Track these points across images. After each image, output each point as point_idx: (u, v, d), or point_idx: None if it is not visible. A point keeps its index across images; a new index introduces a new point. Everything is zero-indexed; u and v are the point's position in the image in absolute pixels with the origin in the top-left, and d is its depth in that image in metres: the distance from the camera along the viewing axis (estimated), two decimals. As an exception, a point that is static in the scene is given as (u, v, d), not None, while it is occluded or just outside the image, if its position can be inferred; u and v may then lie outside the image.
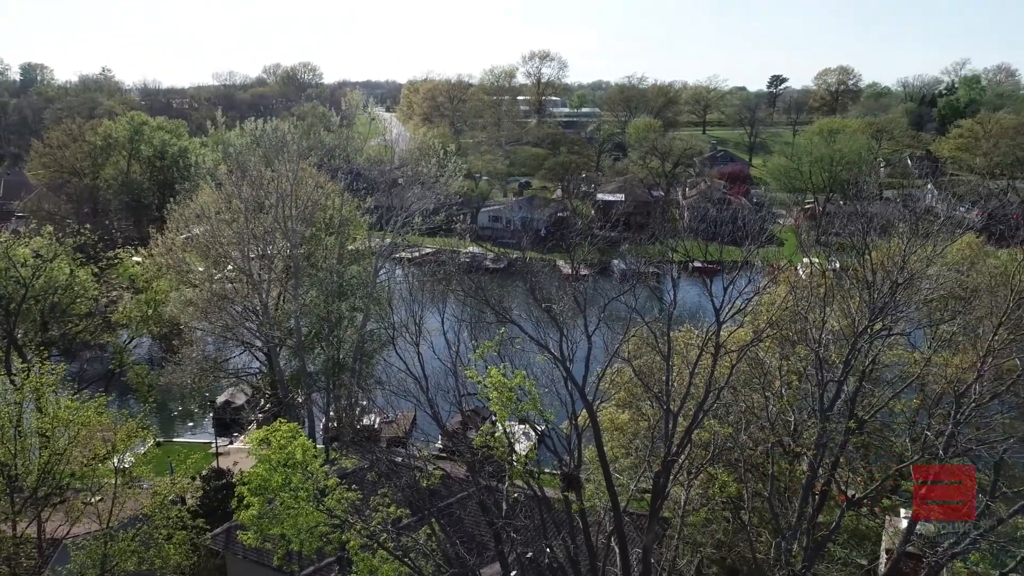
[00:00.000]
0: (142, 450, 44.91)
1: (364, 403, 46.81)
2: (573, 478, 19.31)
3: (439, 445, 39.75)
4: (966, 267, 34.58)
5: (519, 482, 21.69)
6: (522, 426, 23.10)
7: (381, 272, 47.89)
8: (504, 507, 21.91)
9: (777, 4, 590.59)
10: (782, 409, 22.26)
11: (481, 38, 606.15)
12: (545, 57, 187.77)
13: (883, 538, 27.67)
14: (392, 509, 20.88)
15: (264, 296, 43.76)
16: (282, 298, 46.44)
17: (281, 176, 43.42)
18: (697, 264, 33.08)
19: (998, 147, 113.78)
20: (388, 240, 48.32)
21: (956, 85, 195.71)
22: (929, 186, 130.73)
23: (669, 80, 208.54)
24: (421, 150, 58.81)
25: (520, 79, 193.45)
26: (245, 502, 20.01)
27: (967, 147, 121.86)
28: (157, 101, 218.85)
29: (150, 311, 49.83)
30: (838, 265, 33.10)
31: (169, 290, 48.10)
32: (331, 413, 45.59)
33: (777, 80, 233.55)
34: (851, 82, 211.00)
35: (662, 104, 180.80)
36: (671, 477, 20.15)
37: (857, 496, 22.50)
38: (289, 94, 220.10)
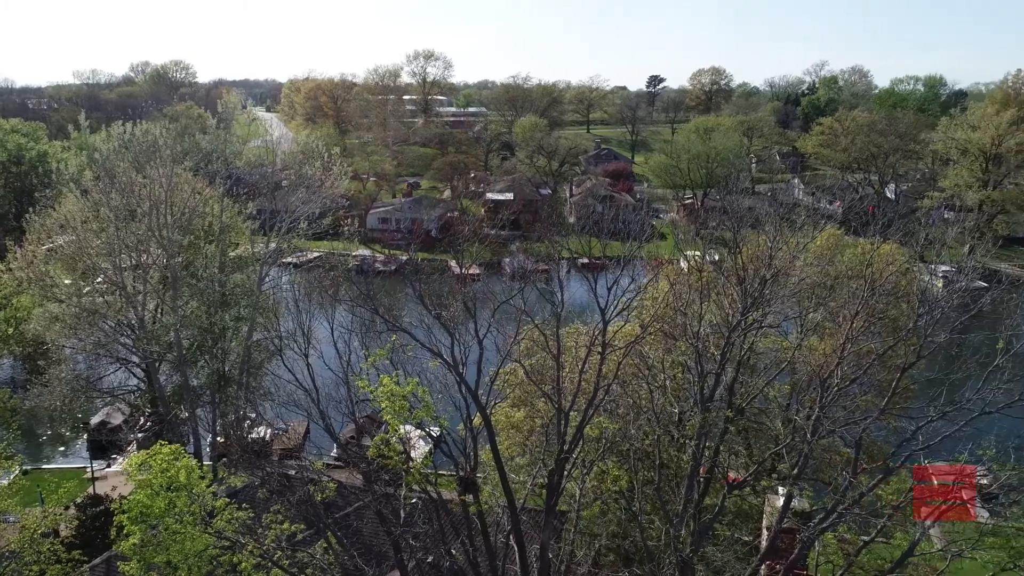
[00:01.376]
0: (6, 481, 41.59)
1: (253, 416, 45.25)
2: (469, 481, 19.46)
3: (334, 453, 38.95)
4: (828, 258, 37.06)
5: (416, 487, 21.64)
6: (418, 431, 23.06)
7: (266, 279, 46.39)
8: (402, 514, 21.80)
9: (653, 5, 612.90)
10: (667, 401, 23.24)
11: (364, 36, 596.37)
12: (430, 56, 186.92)
13: (764, 516, 29.38)
14: (286, 526, 20.35)
15: (140, 309, 41.56)
16: (160, 310, 44.20)
17: (154, 182, 41.37)
18: (585, 261, 34.00)
19: (855, 143, 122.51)
20: (272, 245, 46.87)
21: (817, 85, 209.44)
22: (796, 180, 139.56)
23: (553, 80, 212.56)
24: (305, 152, 57.41)
25: (405, 78, 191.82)
26: (125, 531, 18.97)
27: (828, 143, 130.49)
28: (10, 101, 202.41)
29: (10, 329, 46.27)
30: (717, 257, 34.83)
31: (32, 306, 44.83)
32: (218, 429, 43.79)
33: (655, 80, 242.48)
34: (723, 82, 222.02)
35: (547, 104, 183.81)
36: (565, 474, 20.65)
37: (738, 479, 23.82)
38: (160, 94, 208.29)
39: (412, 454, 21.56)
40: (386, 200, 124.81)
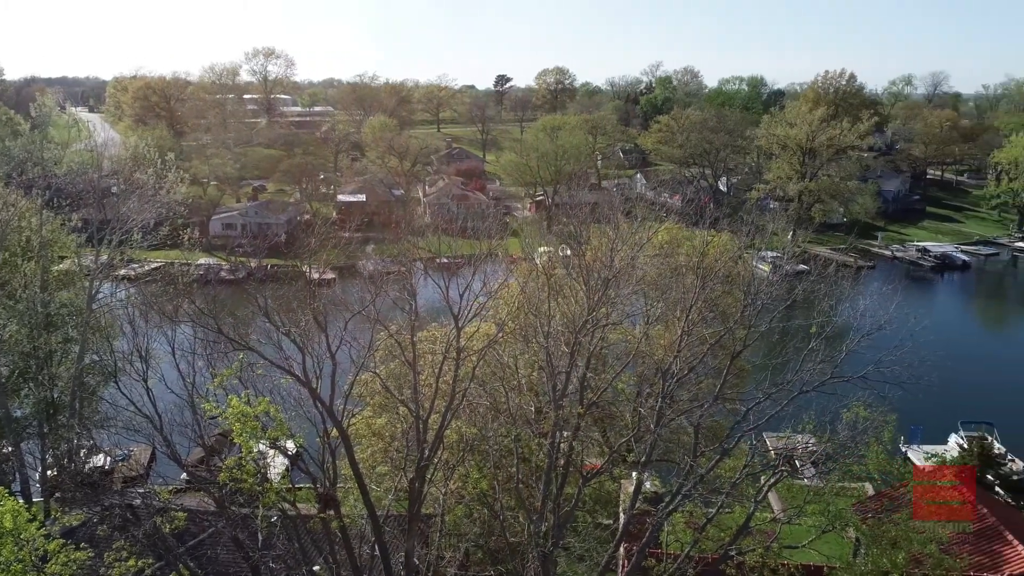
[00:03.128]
0: None
1: (89, 445, 41.80)
2: (329, 497, 19.12)
3: (184, 478, 36.85)
4: (668, 251, 39.34)
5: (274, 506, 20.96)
6: (274, 449, 22.34)
7: (99, 296, 42.94)
8: (260, 537, 21.08)
9: (498, 4, 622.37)
10: (523, 399, 23.88)
11: (196, 32, 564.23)
12: (271, 54, 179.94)
13: (620, 500, 30.89)
14: (132, 562, 19.09)
15: (-53, 337, 37.28)
16: (-29, 337, 39.82)
17: (-44, 196, 37.27)
18: (442, 260, 34.14)
19: (689, 140, 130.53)
20: (104, 259, 43.41)
21: (653, 85, 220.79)
22: (638, 176, 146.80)
23: (401, 79, 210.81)
24: (135, 158, 53.52)
25: (245, 77, 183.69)
26: (-60, 588, 17.10)
27: (666, 140, 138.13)
28: None
29: None
30: (569, 251, 36.08)
31: None
32: (49, 461, 40.12)
33: (502, 79, 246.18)
34: (567, 81, 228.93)
35: (396, 103, 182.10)
36: (426, 480, 20.76)
37: (595, 467, 24.91)
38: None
39: (270, 472, 20.87)
40: (230, 205, 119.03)
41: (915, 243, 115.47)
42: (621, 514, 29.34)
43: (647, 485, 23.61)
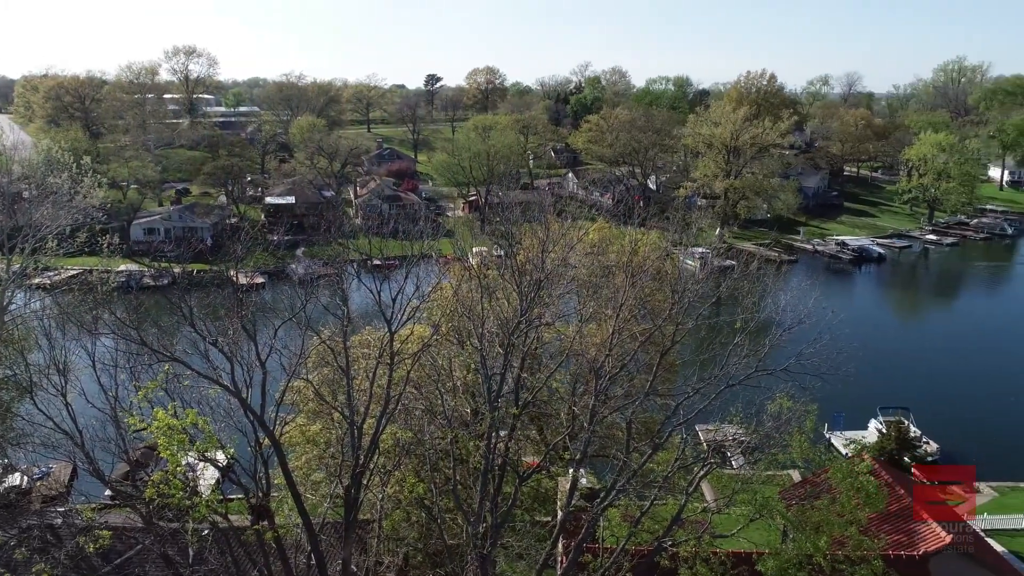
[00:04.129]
0: None
1: (3, 462, 39.78)
2: (262, 508, 18.74)
3: (108, 494, 35.46)
4: (600, 249, 39.94)
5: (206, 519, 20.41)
6: (204, 462, 21.75)
7: (11, 306, 41.01)
8: (190, 552, 20.49)
9: (428, 3, 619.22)
10: (459, 402, 23.90)
11: (111, 30, 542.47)
12: (192, 53, 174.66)
13: (557, 497, 31.20)
14: (53, 585, 18.31)
15: None
16: None
17: None
18: (376, 262, 33.80)
19: (619, 139, 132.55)
20: (16, 267, 41.50)
21: (583, 84, 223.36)
22: (570, 175, 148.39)
23: (329, 78, 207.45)
24: (48, 162, 51.34)
25: (165, 76, 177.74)
26: None
27: (596, 139, 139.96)
28: None
29: None
30: (503, 252, 36.25)
31: None
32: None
33: (433, 79, 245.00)
34: (498, 81, 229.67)
35: (324, 103, 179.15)
36: (362, 486, 20.57)
37: (533, 464, 25.12)
38: None
39: (200, 483, 20.32)
40: (151, 209, 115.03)
41: (835, 237, 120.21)
42: (558, 511, 29.65)
43: (583, 481, 23.90)
